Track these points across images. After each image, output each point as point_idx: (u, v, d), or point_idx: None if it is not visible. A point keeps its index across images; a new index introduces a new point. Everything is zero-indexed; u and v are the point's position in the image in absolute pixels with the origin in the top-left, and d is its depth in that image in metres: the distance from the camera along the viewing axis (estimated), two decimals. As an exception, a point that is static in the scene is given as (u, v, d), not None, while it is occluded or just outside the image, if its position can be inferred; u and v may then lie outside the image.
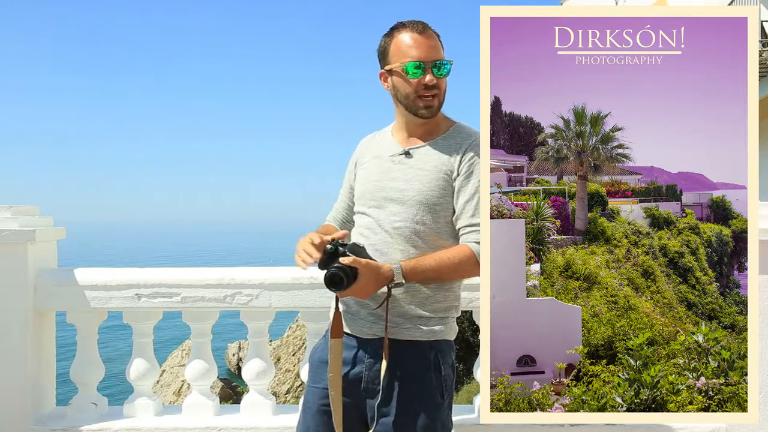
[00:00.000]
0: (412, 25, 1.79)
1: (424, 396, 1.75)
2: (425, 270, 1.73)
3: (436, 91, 1.79)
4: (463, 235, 1.81)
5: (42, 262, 2.41)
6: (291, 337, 19.41)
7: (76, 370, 2.44)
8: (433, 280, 1.77)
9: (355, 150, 2.03)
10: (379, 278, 1.67)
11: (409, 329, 1.77)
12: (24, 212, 2.36)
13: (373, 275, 1.65)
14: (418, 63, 1.76)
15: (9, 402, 2.32)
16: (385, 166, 1.88)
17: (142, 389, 2.45)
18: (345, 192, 2.04)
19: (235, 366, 20.80)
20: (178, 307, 2.37)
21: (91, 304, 2.37)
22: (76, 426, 2.35)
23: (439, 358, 1.79)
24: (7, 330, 2.32)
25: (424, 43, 1.77)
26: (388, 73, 1.82)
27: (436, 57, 1.77)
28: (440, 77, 1.78)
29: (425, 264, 1.73)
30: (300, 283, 2.31)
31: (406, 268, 1.70)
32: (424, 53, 1.76)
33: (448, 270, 1.76)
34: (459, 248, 1.78)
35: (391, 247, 1.79)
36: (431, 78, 1.77)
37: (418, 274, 1.72)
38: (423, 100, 1.79)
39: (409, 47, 1.77)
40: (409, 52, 1.77)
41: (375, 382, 1.76)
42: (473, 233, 1.79)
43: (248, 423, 2.37)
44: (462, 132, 1.89)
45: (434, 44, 1.78)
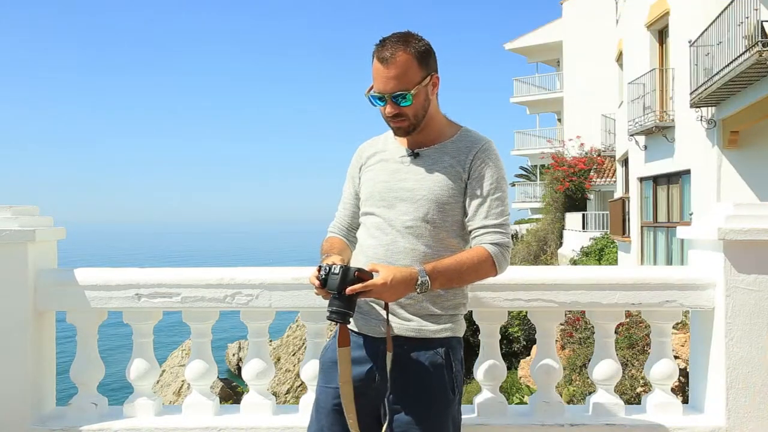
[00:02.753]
0: (379, 51, 1.78)
1: (436, 392, 1.79)
2: (449, 269, 1.74)
3: (400, 117, 1.81)
4: (476, 237, 1.84)
5: (42, 262, 2.41)
6: (291, 337, 19.39)
7: (76, 370, 2.44)
8: (455, 281, 1.79)
9: (354, 157, 2.05)
10: (402, 278, 1.68)
11: (420, 327, 1.81)
12: (24, 212, 2.36)
13: (393, 273, 1.67)
14: (378, 95, 1.80)
15: (9, 402, 2.32)
16: (393, 167, 1.90)
17: (142, 389, 2.45)
18: (348, 199, 2.04)
19: (235, 366, 20.78)
20: (178, 307, 2.37)
21: (91, 304, 2.36)
22: (76, 426, 2.34)
23: (450, 354, 1.84)
24: (7, 330, 2.32)
25: (383, 75, 1.77)
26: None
27: (394, 89, 1.77)
28: (399, 107, 1.80)
29: (447, 265, 1.75)
30: (300, 283, 2.31)
31: (427, 269, 1.72)
32: (382, 86, 1.78)
33: (468, 272, 1.78)
34: (476, 250, 1.81)
35: (401, 246, 1.81)
36: (390, 110, 1.80)
37: (441, 275, 1.73)
38: (392, 122, 1.84)
39: (374, 77, 1.80)
40: (374, 82, 1.81)
41: (387, 380, 1.78)
42: (487, 234, 1.82)
43: (248, 423, 2.37)
44: (470, 136, 1.91)
45: (395, 74, 1.75)
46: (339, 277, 1.66)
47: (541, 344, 2.42)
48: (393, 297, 1.71)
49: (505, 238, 1.83)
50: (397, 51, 1.76)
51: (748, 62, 9.01)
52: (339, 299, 1.66)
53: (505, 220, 1.85)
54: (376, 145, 2.00)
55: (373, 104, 1.83)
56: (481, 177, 1.84)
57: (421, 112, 1.83)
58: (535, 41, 31.52)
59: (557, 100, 30.86)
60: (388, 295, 1.69)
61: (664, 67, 14.17)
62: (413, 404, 1.77)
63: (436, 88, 1.86)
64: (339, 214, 2.06)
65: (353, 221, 2.03)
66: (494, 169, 1.86)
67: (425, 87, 1.81)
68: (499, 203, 1.85)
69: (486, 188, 1.84)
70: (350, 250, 1.98)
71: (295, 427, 2.33)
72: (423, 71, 1.79)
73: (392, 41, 1.77)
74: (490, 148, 1.88)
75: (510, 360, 12.84)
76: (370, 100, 1.82)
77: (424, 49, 1.80)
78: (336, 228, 2.05)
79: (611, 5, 21.78)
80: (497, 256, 1.80)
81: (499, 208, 1.84)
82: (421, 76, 1.79)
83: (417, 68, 1.78)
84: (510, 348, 14.26)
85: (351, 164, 2.05)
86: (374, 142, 2.02)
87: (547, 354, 2.39)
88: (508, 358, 12.80)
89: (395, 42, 1.77)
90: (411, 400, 1.78)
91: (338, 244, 1.99)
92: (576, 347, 9.22)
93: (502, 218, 1.84)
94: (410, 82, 1.77)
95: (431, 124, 1.88)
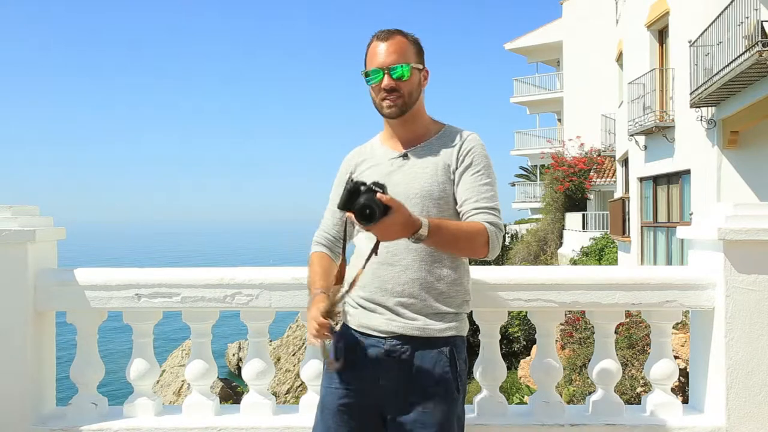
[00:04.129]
0: (378, 35, 1.88)
1: (440, 391, 1.80)
2: (447, 231, 1.72)
3: (396, 93, 1.85)
4: (470, 216, 1.83)
5: (42, 262, 2.41)
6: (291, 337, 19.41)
7: (76, 370, 2.44)
8: (448, 244, 1.76)
9: (342, 165, 2.05)
10: (407, 223, 1.60)
11: (425, 326, 1.81)
12: (24, 212, 2.36)
13: (403, 217, 1.59)
14: (377, 69, 1.84)
15: (9, 402, 2.32)
16: (385, 170, 1.91)
17: (142, 389, 2.45)
18: (335, 208, 2.02)
19: (235, 366, 20.79)
20: (178, 307, 2.37)
21: (91, 304, 2.36)
22: (76, 426, 2.35)
23: (455, 353, 1.84)
24: (7, 330, 2.32)
25: (383, 51, 1.85)
26: (367, 83, 1.90)
27: (393, 62, 1.83)
28: (397, 80, 1.83)
29: (448, 225, 1.73)
30: (300, 283, 2.31)
31: (432, 225, 1.66)
32: (381, 60, 1.84)
33: (463, 239, 1.76)
34: (474, 222, 1.80)
35: (400, 245, 1.81)
36: (387, 82, 1.84)
37: (440, 232, 1.69)
38: (386, 100, 1.86)
39: (371, 57, 1.87)
40: (371, 60, 1.86)
41: (392, 380, 1.80)
42: (481, 214, 1.82)
43: (248, 423, 2.37)
44: (455, 130, 1.96)
45: (394, 49, 1.84)
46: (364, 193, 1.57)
47: (541, 344, 2.42)
48: (386, 234, 1.60)
49: (498, 220, 1.82)
50: (396, 34, 1.87)
51: (748, 62, 9.01)
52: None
53: (496, 204, 1.85)
54: (364, 153, 2.01)
55: (370, 82, 1.87)
56: (468, 165, 1.87)
57: (415, 94, 1.88)
58: (535, 41, 31.52)
59: (557, 100, 30.86)
60: (383, 229, 1.58)
61: (664, 67, 14.17)
62: (418, 403, 1.78)
63: (425, 82, 1.93)
64: (325, 223, 2.05)
65: (339, 231, 2.01)
66: (480, 157, 1.89)
67: (420, 73, 1.89)
68: (489, 188, 1.86)
69: (474, 175, 1.86)
70: (335, 264, 1.95)
71: (295, 427, 2.33)
72: (418, 58, 1.89)
73: (389, 29, 1.88)
74: (474, 139, 1.92)
75: (510, 360, 12.85)
76: (367, 77, 1.86)
77: (418, 43, 1.91)
78: (322, 238, 2.03)
79: (611, 5, 21.78)
80: (492, 234, 1.78)
81: (490, 193, 1.86)
82: (416, 60, 1.87)
83: (414, 52, 1.88)
84: (510, 348, 14.28)
85: (339, 172, 2.05)
86: (361, 150, 2.04)
87: (547, 354, 2.39)
88: (508, 358, 12.81)
89: (392, 30, 1.88)
90: (416, 399, 1.78)
91: (324, 267, 1.94)
92: (576, 347, 9.22)
93: (493, 202, 1.85)
94: (409, 58, 1.85)
95: (418, 120, 1.93)
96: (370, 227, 1.58)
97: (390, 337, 1.81)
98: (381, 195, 1.57)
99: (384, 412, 1.82)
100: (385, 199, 1.56)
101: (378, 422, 1.83)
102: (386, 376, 1.81)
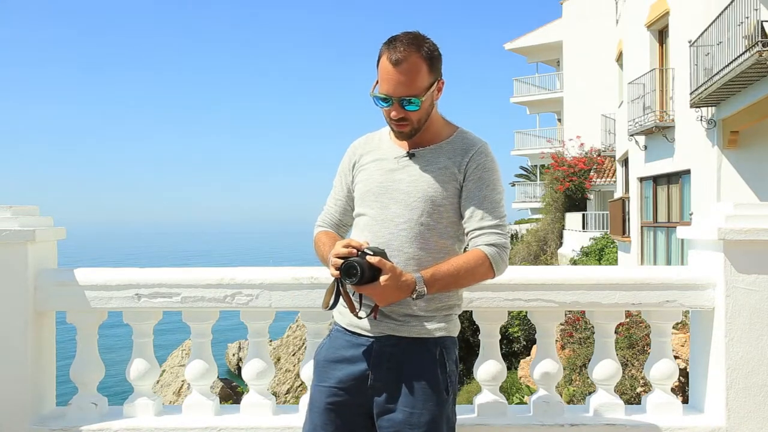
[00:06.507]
0: (390, 52, 1.73)
1: (429, 392, 1.78)
2: (446, 275, 1.74)
3: (404, 122, 1.79)
4: (473, 238, 1.83)
5: (42, 262, 2.41)
6: (291, 337, 19.41)
7: (76, 370, 2.44)
8: (451, 286, 1.78)
9: (348, 152, 2.02)
10: (401, 285, 1.67)
11: (414, 326, 1.81)
12: (24, 212, 2.36)
13: (395, 280, 1.65)
14: (385, 96, 1.76)
15: (9, 402, 2.32)
16: (388, 167, 1.89)
17: (142, 389, 2.45)
18: (340, 194, 2.02)
19: (235, 366, 20.80)
20: (178, 307, 2.37)
21: (91, 304, 2.36)
22: (76, 426, 2.34)
23: (444, 354, 1.83)
24: (7, 330, 2.32)
25: (394, 77, 1.73)
26: (375, 105, 1.83)
27: (403, 93, 1.74)
28: (409, 111, 1.77)
29: (443, 270, 1.74)
30: (300, 283, 2.31)
31: (427, 278, 1.71)
32: (391, 88, 1.74)
33: (464, 275, 1.77)
34: (472, 253, 1.80)
35: (394, 247, 1.80)
36: (396, 113, 1.77)
37: (438, 282, 1.73)
38: (395, 124, 1.82)
39: (382, 78, 1.76)
40: (381, 83, 1.77)
41: (381, 380, 1.79)
42: (483, 236, 1.81)
43: (248, 423, 2.37)
44: (467, 138, 1.90)
45: (405, 79, 1.72)
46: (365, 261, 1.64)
47: (541, 344, 2.42)
48: (383, 298, 1.69)
49: (502, 239, 1.81)
50: (410, 54, 1.72)
51: (748, 62, 9.01)
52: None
53: (502, 221, 1.84)
54: (371, 143, 1.98)
55: (378, 105, 1.81)
56: (477, 179, 1.84)
57: (424, 116, 1.82)
58: (535, 41, 31.53)
59: (557, 100, 30.86)
60: (378, 293, 1.67)
61: (664, 67, 14.17)
62: (406, 404, 1.76)
63: (439, 94, 1.85)
64: (329, 208, 2.04)
65: (343, 218, 2.02)
66: (490, 172, 1.86)
67: (432, 92, 1.80)
68: (496, 205, 1.84)
69: (482, 190, 1.83)
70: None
71: (295, 427, 2.33)
72: (432, 77, 1.78)
73: (404, 42, 1.73)
74: (486, 151, 1.88)
75: (510, 360, 12.84)
76: (375, 100, 1.79)
77: (435, 54, 1.78)
78: (326, 222, 2.03)
79: (611, 5, 21.78)
80: (494, 257, 1.79)
81: (496, 210, 1.84)
82: (429, 82, 1.77)
83: (427, 74, 1.76)
84: (510, 348, 14.26)
85: (343, 159, 2.03)
86: (369, 139, 2.00)
87: (547, 354, 2.39)
88: (508, 358, 12.80)
89: (407, 44, 1.73)
90: (404, 400, 1.77)
91: (333, 237, 1.96)
92: (576, 347, 9.21)
93: (498, 219, 1.83)
94: (420, 88, 1.75)
95: (429, 125, 1.87)
96: (359, 288, 1.65)
97: (380, 337, 1.81)
98: (370, 257, 1.62)
99: (372, 411, 1.80)
100: (374, 261, 1.60)
101: (366, 422, 1.82)
102: (375, 375, 1.79)
